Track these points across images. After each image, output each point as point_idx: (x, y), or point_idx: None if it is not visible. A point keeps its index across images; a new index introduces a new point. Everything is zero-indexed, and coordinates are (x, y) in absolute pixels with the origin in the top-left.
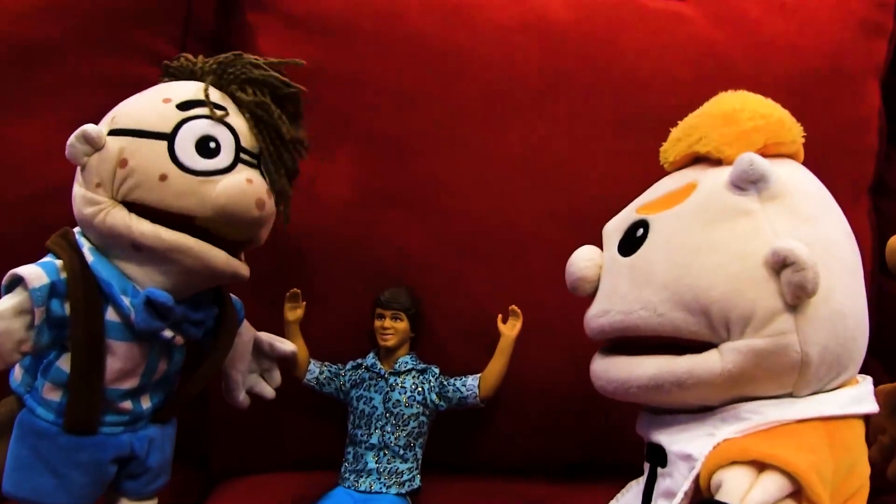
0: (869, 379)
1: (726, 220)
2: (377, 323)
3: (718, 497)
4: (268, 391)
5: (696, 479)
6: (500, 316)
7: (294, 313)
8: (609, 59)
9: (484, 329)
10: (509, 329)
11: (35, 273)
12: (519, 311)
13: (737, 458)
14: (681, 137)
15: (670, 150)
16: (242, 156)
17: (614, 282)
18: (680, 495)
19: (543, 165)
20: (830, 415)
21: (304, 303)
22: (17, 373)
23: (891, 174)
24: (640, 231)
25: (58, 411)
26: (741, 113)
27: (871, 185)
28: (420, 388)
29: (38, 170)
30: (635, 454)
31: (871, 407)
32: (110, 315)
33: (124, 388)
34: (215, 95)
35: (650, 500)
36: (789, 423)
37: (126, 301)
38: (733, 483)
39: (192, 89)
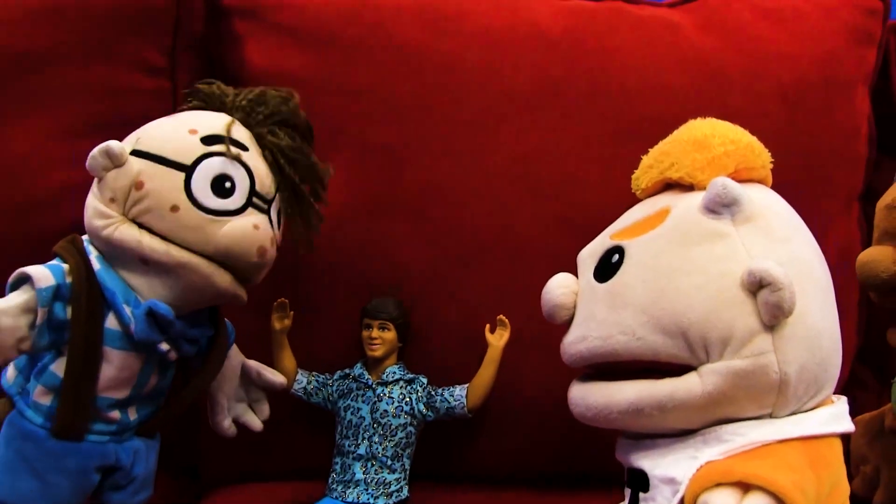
0: (844, 399)
1: (701, 243)
2: (364, 333)
3: None
4: (255, 423)
5: (681, 502)
6: (487, 326)
7: (282, 323)
8: (601, 67)
9: (478, 339)
10: (497, 339)
11: (42, 274)
12: (507, 320)
13: (721, 479)
14: (652, 164)
15: (642, 176)
16: (255, 200)
17: (591, 308)
18: None
19: (536, 173)
20: (810, 434)
21: (292, 312)
22: (11, 374)
23: (881, 182)
24: (616, 257)
25: (47, 415)
26: (712, 139)
27: (862, 192)
28: (408, 399)
29: (29, 178)
30: (622, 466)
31: (849, 426)
32: (110, 323)
33: (115, 398)
34: (240, 134)
35: None
36: (770, 444)
37: (128, 311)
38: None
39: (218, 123)
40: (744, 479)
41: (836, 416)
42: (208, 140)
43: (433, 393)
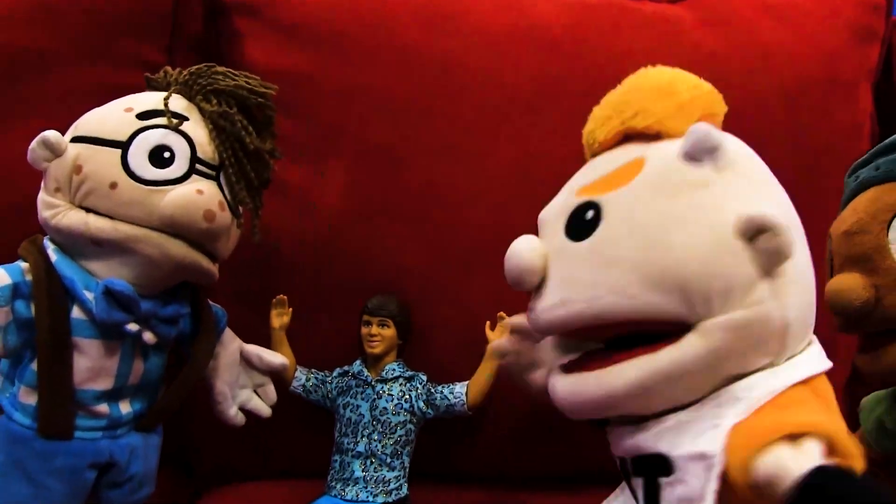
0: (815, 338)
1: (686, 193)
2: (364, 330)
3: (784, 478)
4: (262, 408)
5: (722, 475)
6: (487, 323)
7: (280, 320)
8: (603, 65)
9: (479, 338)
10: (497, 336)
11: None
12: (507, 317)
13: (767, 439)
14: (611, 115)
15: (599, 129)
16: (198, 167)
17: (569, 269)
18: (710, 496)
19: (538, 173)
20: (810, 375)
21: (290, 309)
22: None
23: None
24: (591, 213)
25: (33, 415)
26: (677, 84)
27: None
28: (407, 396)
29: (27, 179)
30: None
31: (829, 362)
32: (76, 313)
33: (98, 390)
34: (179, 105)
35: None
36: (784, 392)
37: (89, 296)
38: (787, 464)
39: (155, 99)
40: (792, 430)
41: (821, 353)
42: (144, 115)
43: (433, 390)
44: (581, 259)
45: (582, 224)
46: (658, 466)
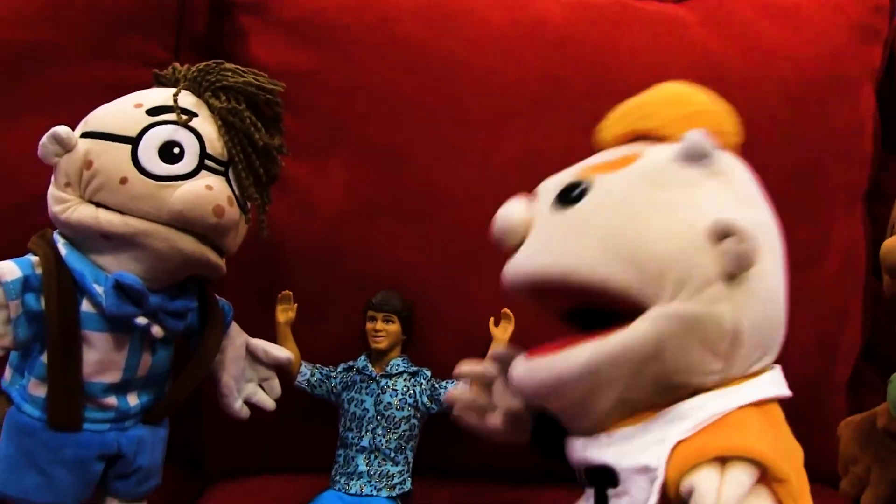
0: (778, 366)
1: (670, 188)
2: (369, 325)
3: (700, 501)
4: (267, 402)
5: (662, 489)
6: (492, 319)
7: (285, 315)
8: (605, 64)
9: (480, 336)
10: (501, 332)
11: (7, 268)
12: (511, 314)
13: (699, 459)
14: (622, 116)
15: (609, 127)
16: (207, 162)
17: (545, 233)
18: None
19: (540, 172)
20: (763, 398)
21: (296, 304)
22: (7, 372)
23: (886, 180)
24: (578, 189)
25: (43, 407)
26: (689, 96)
27: (867, 191)
28: (412, 391)
29: (31, 176)
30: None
31: (788, 391)
32: (86, 306)
33: (106, 382)
34: (188, 101)
35: None
36: (732, 412)
37: (99, 290)
38: (705, 486)
39: (164, 95)
40: (720, 453)
41: (779, 379)
42: (154, 111)
43: (437, 385)
44: (557, 226)
45: (568, 198)
46: (606, 478)
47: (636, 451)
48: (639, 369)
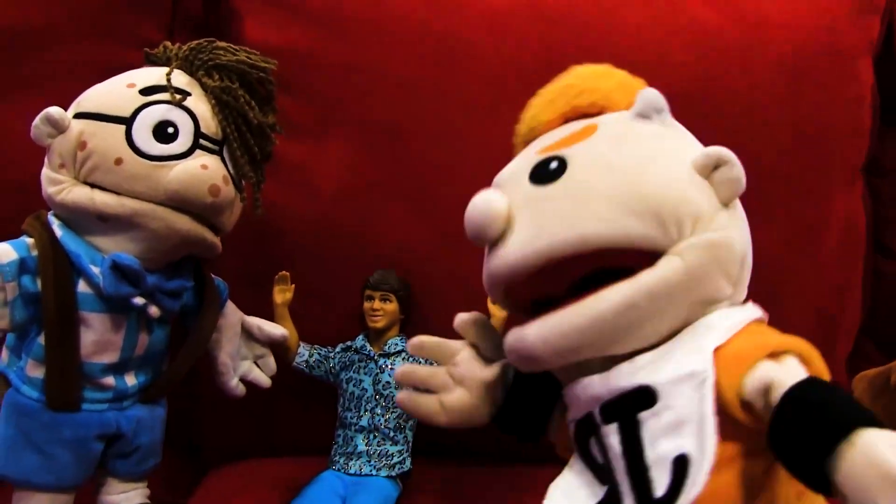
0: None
1: (646, 141)
2: (366, 304)
3: (776, 390)
4: (262, 379)
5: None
6: (489, 298)
7: (283, 296)
8: (605, 41)
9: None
10: (499, 309)
11: (3, 250)
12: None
13: (757, 356)
14: (554, 98)
15: (543, 111)
16: (202, 141)
17: (544, 207)
18: (709, 409)
19: None
20: (760, 317)
21: (293, 285)
22: (4, 354)
23: (884, 154)
24: (555, 164)
25: (41, 388)
26: (611, 71)
27: (866, 164)
28: None
29: (26, 157)
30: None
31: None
32: (82, 287)
33: (104, 363)
34: (181, 80)
35: (639, 451)
36: (749, 324)
37: (96, 270)
38: (780, 375)
39: (157, 74)
40: (776, 348)
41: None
42: (147, 91)
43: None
44: (555, 198)
45: (546, 173)
46: (637, 402)
47: (674, 363)
48: (671, 300)
